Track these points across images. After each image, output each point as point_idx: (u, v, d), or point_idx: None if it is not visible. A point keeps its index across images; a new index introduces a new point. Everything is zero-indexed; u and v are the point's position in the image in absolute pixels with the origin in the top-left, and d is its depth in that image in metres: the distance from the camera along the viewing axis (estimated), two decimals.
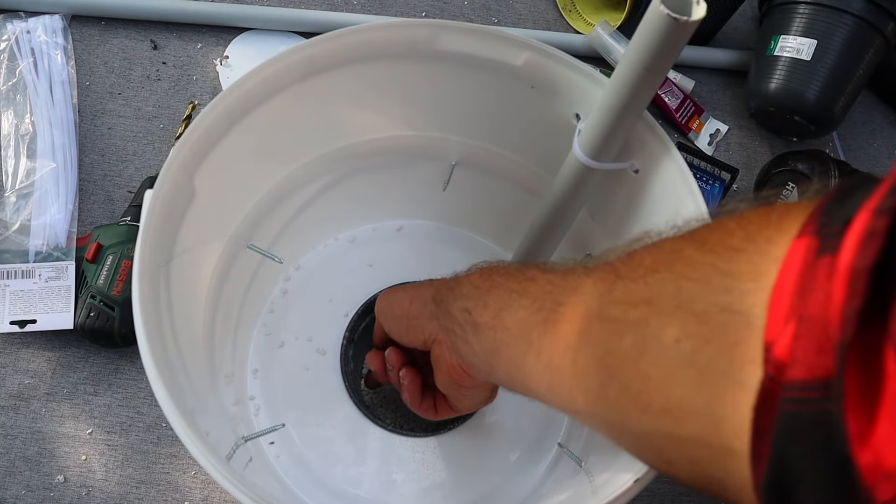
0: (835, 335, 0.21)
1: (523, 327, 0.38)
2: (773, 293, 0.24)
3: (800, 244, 0.24)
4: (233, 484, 0.39)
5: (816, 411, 0.21)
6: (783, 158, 0.75)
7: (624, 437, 0.33)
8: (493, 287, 0.42)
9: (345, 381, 0.62)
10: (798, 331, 0.22)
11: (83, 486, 0.58)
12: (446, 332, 0.45)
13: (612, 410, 0.32)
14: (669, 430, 0.28)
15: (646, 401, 0.29)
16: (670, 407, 0.28)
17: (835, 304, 0.21)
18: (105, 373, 0.62)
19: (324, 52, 0.53)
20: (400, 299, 0.51)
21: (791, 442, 0.22)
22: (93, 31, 0.77)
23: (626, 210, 0.55)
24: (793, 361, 0.22)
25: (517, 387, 0.41)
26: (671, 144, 0.51)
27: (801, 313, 0.22)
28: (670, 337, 0.28)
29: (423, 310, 0.48)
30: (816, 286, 0.22)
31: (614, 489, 0.40)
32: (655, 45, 0.41)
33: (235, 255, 0.60)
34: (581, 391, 0.34)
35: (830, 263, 0.22)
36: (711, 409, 0.26)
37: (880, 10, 0.73)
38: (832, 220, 0.23)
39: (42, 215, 0.65)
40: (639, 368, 0.29)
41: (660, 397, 0.29)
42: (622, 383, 0.31)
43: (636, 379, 0.30)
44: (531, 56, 0.54)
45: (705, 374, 0.26)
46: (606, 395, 0.32)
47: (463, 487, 0.59)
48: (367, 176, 0.65)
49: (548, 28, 0.86)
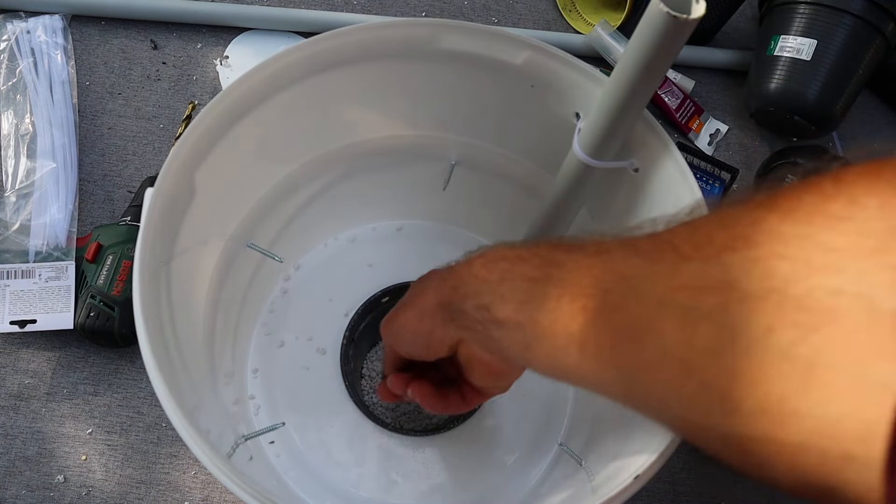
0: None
1: (557, 320, 0.33)
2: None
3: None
4: (234, 481, 0.39)
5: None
6: (783, 153, 0.75)
7: (705, 438, 0.29)
8: (505, 277, 0.38)
9: (345, 381, 0.62)
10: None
11: (83, 486, 0.58)
12: (468, 332, 0.41)
13: (692, 410, 0.28)
14: (766, 434, 0.25)
15: (735, 400, 0.25)
16: (766, 408, 0.24)
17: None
18: (105, 373, 0.62)
19: (323, 51, 0.53)
20: (407, 320, 0.47)
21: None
22: (93, 31, 0.77)
23: (626, 209, 0.55)
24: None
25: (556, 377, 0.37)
26: (671, 143, 0.51)
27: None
28: (761, 326, 0.24)
29: (434, 320, 0.44)
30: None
31: (614, 487, 0.40)
32: (655, 44, 0.41)
33: (236, 255, 0.60)
34: (643, 388, 0.30)
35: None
36: (823, 410, 0.22)
37: (880, 10, 0.73)
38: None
39: (42, 215, 0.65)
40: (722, 363, 0.25)
41: (753, 396, 0.24)
42: (702, 380, 0.26)
43: (719, 375, 0.26)
44: (531, 55, 0.54)
45: (812, 368, 0.22)
46: (681, 393, 0.28)
47: (463, 487, 0.59)
48: (367, 176, 0.65)
49: (548, 28, 0.86)
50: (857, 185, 0.23)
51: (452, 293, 0.41)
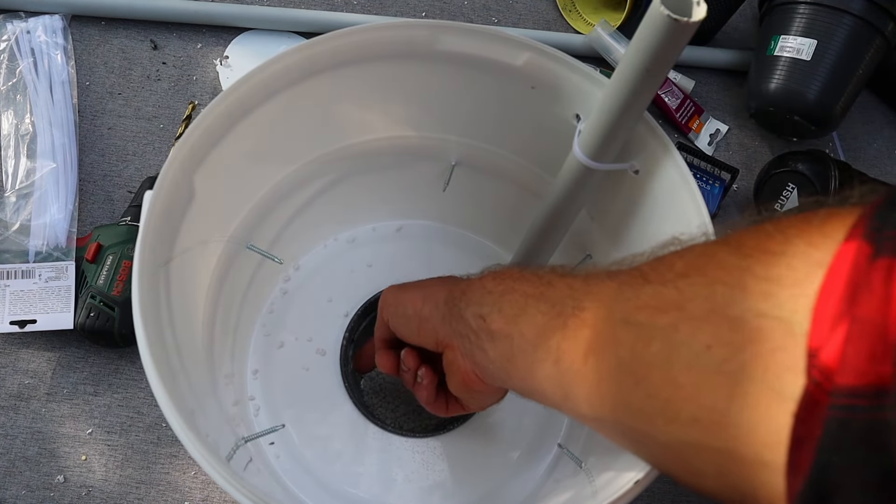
0: (894, 340, 0.20)
1: (541, 333, 0.37)
2: (819, 297, 0.23)
3: (849, 248, 0.23)
4: (232, 485, 0.39)
5: (867, 419, 0.20)
6: (783, 159, 0.75)
7: (647, 448, 0.32)
8: (507, 292, 0.41)
9: (345, 382, 0.62)
10: (850, 335, 0.21)
11: (83, 486, 0.58)
12: (460, 338, 0.44)
13: (637, 419, 0.31)
14: (698, 441, 0.27)
15: (674, 409, 0.28)
16: (699, 416, 0.27)
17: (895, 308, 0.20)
18: (105, 373, 0.62)
19: (324, 52, 0.53)
20: (411, 297, 0.50)
21: (836, 451, 0.21)
22: (93, 31, 0.77)
23: (626, 211, 0.55)
24: (843, 367, 0.21)
25: (533, 394, 0.40)
26: (671, 145, 0.51)
27: (854, 316, 0.21)
28: (701, 343, 0.27)
29: (436, 312, 0.46)
30: (872, 289, 0.21)
31: (615, 490, 0.40)
32: (655, 47, 0.41)
33: (235, 256, 0.60)
34: (602, 399, 0.33)
35: (890, 266, 0.21)
36: (744, 418, 0.25)
37: (880, 10, 0.73)
38: (887, 224, 0.22)
39: (42, 215, 0.65)
40: (667, 375, 0.28)
41: (689, 406, 0.27)
42: (648, 391, 0.30)
43: (664, 387, 0.29)
44: (531, 56, 0.54)
45: (738, 382, 0.25)
46: (630, 402, 0.31)
47: (463, 488, 0.59)
48: (366, 176, 0.65)
49: (548, 28, 0.85)
50: (792, 227, 0.26)
51: (460, 296, 0.44)
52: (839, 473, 0.21)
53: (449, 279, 0.49)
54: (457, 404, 0.52)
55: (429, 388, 0.51)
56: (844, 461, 0.21)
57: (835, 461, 0.21)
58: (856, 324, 0.21)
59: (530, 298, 0.39)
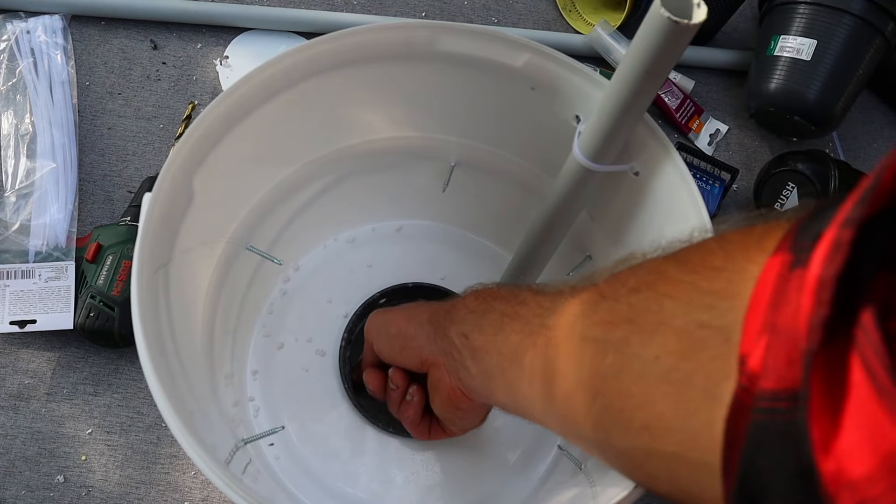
0: (802, 345, 0.21)
1: (516, 352, 0.38)
2: (749, 308, 0.24)
3: (775, 260, 0.24)
4: (231, 488, 0.39)
5: (784, 421, 0.21)
6: (783, 159, 0.75)
7: (609, 456, 0.34)
8: (487, 311, 0.42)
9: (344, 383, 0.62)
10: (770, 342, 0.23)
11: (83, 486, 0.58)
12: (446, 356, 0.45)
13: (597, 430, 0.32)
14: (649, 447, 0.29)
15: (627, 419, 0.30)
16: (649, 424, 0.28)
17: (803, 315, 0.21)
18: (105, 373, 0.62)
19: (323, 53, 0.53)
20: (395, 318, 0.51)
21: (760, 452, 0.22)
22: (93, 31, 0.77)
23: (626, 212, 0.55)
24: (764, 372, 0.23)
25: (515, 410, 0.41)
26: (671, 147, 0.51)
27: (774, 325, 0.23)
28: (650, 354, 0.28)
29: (420, 331, 0.48)
30: (788, 298, 0.22)
31: (616, 493, 0.40)
32: (656, 48, 0.41)
33: (235, 257, 0.60)
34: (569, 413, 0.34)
35: (801, 276, 0.22)
36: (688, 424, 0.26)
37: (880, 10, 0.73)
38: (806, 235, 0.23)
39: (42, 215, 0.65)
40: (620, 387, 0.30)
41: (640, 414, 0.29)
42: (604, 403, 0.31)
43: (617, 397, 0.30)
44: (531, 57, 0.54)
45: (683, 390, 0.27)
46: (590, 414, 0.32)
47: (462, 489, 0.59)
48: (366, 177, 0.65)
49: (548, 28, 0.85)
50: (733, 242, 0.28)
51: (444, 315, 0.46)
52: (764, 474, 0.22)
53: (432, 302, 0.50)
54: (439, 427, 0.53)
55: (416, 406, 0.52)
56: (768, 462, 0.22)
57: (759, 462, 0.22)
58: (775, 332, 0.22)
59: (506, 318, 0.40)
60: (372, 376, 0.55)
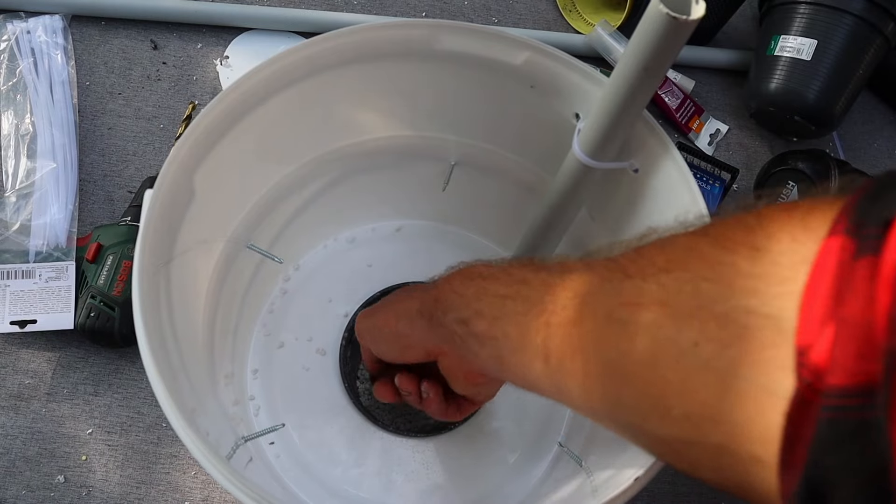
0: (881, 341, 0.20)
1: (525, 334, 0.36)
2: (805, 295, 0.23)
3: (832, 244, 0.23)
4: (233, 484, 0.39)
5: (856, 419, 0.20)
6: (783, 158, 0.75)
7: (643, 440, 0.32)
8: (480, 294, 0.40)
9: (344, 382, 0.62)
10: (837, 336, 0.21)
11: (83, 486, 0.58)
12: (448, 343, 0.43)
13: (631, 414, 0.31)
14: (690, 437, 0.28)
15: (664, 406, 0.28)
16: (690, 412, 0.27)
17: (880, 309, 0.20)
18: (105, 373, 0.62)
19: (323, 52, 0.53)
20: (384, 319, 0.49)
21: (829, 451, 0.21)
22: (93, 31, 0.77)
23: (625, 210, 0.55)
24: (832, 367, 0.21)
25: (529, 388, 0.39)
26: (671, 144, 0.51)
27: (841, 317, 0.21)
28: (688, 340, 0.27)
29: (414, 326, 0.45)
30: (856, 289, 0.21)
31: (614, 488, 0.40)
32: (654, 45, 0.41)
33: (235, 256, 0.60)
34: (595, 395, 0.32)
35: (873, 265, 0.21)
36: (735, 416, 0.25)
37: (880, 10, 0.73)
38: (868, 219, 0.22)
39: (42, 215, 0.65)
40: (656, 373, 0.28)
41: (679, 403, 0.27)
42: (638, 388, 0.29)
43: (653, 384, 0.29)
44: (531, 56, 0.54)
45: (727, 379, 0.25)
46: (622, 399, 0.31)
47: (463, 488, 0.59)
48: (366, 176, 0.65)
49: (548, 28, 0.86)
50: (774, 221, 0.26)
51: (434, 305, 0.43)
52: (832, 473, 0.21)
53: (414, 289, 0.48)
54: (467, 403, 0.51)
55: (437, 399, 0.50)
56: (837, 461, 0.21)
57: (828, 461, 0.21)
58: (843, 325, 0.21)
59: (507, 300, 0.38)
60: (382, 390, 0.53)
